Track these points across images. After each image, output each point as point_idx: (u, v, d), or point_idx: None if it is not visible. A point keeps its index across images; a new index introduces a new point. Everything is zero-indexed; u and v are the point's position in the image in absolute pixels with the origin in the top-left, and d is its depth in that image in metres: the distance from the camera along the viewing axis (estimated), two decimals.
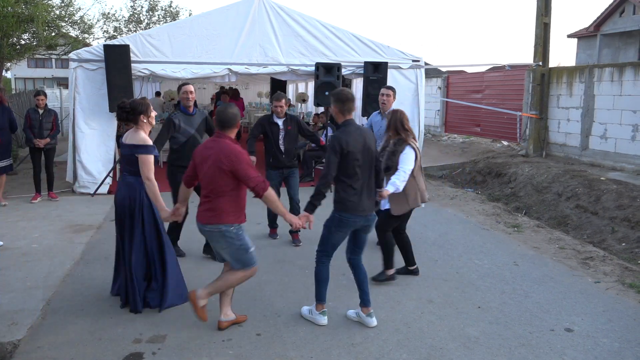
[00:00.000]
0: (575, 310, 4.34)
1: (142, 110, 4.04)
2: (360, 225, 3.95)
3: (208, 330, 3.91)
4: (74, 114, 8.57)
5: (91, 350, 3.61)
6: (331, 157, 3.74)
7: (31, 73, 47.53)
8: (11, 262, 5.32)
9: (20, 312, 4.18)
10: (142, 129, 4.08)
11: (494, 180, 9.75)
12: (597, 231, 6.66)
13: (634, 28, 23.79)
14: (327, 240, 3.98)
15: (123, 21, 25.57)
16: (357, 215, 3.86)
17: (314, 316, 4.07)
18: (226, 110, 3.69)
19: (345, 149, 3.73)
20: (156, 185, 4.03)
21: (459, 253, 5.79)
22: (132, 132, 4.10)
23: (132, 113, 4.04)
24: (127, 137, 4.10)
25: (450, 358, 3.58)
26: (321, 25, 9.39)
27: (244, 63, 9.11)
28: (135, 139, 4.04)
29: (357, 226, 3.94)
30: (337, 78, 9.00)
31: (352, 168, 3.79)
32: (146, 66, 8.72)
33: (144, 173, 3.99)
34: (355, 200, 3.84)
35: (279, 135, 5.97)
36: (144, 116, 4.06)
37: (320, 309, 4.05)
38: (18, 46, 13.93)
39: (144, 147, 4.00)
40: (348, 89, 4.03)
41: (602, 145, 9.85)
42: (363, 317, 4.05)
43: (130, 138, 4.07)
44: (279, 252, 5.75)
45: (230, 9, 9.06)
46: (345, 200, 3.83)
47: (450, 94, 16.21)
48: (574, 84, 10.56)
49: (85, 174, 8.61)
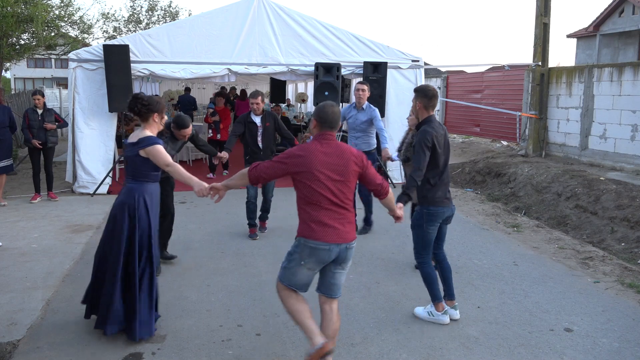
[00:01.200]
0: (574, 310, 4.34)
1: (158, 110, 3.86)
2: (446, 216, 4.07)
3: (207, 330, 3.91)
4: (73, 114, 8.57)
5: (90, 350, 3.61)
6: (424, 152, 3.83)
7: (31, 73, 47.52)
8: (11, 262, 5.32)
9: (20, 312, 4.18)
10: (148, 129, 3.86)
11: (494, 180, 9.75)
12: (597, 231, 6.67)
13: (633, 28, 23.79)
14: (421, 239, 4.06)
15: (122, 21, 25.62)
16: (444, 206, 3.98)
17: (436, 317, 4.07)
18: (334, 109, 3.23)
19: (435, 144, 3.87)
20: (178, 166, 3.78)
21: (459, 253, 5.80)
22: (137, 131, 3.89)
23: (146, 108, 3.81)
24: (131, 136, 3.90)
25: (450, 358, 3.58)
26: (321, 25, 9.39)
27: (244, 63, 9.11)
28: (138, 136, 3.82)
29: (444, 217, 4.05)
30: (337, 78, 9.00)
31: (437, 161, 3.92)
32: (146, 66, 8.72)
33: (160, 163, 3.74)
34: (441, 193, 3.98)
35: (257, 132, 6.09)
36: (157, 115, 3.86)
37: (441, 309, 4.07)
38: (17, 46, 13.94)
39: (146, 138, 3.76)
40: (432, 85, 4.08)
41: (601, 145, 9.86)
42: (438, 315, 4.05)
43: (133, 136, 3.87)
44: (279, 252, 5.74)
45: (229, 9, 9.06)
46: (432, 194, 3.95)
47: (449, 94, 16.22)
48: (573, 84, 10.57)
49: (84, 174, 8.61)
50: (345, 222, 3.15)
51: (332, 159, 3.09)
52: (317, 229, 3.07)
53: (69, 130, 8.80)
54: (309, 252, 3.09)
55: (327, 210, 3.08)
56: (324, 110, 3.18)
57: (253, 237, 6.22)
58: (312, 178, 3.06)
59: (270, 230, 6.52)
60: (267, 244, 6.06)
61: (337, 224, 3.10)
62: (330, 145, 3.13)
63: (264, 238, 6.27)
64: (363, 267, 5.31)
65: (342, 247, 3.11)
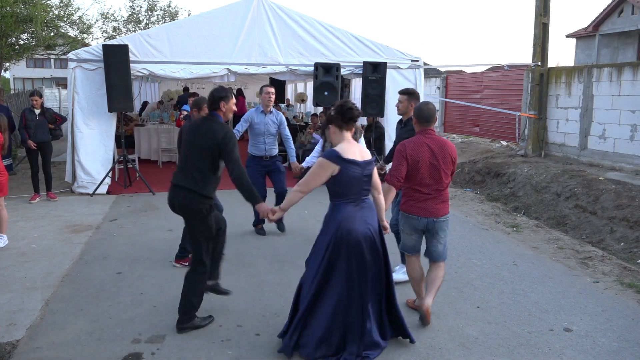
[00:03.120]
0: (574, 310, 4.35)
1: None
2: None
3: (207, 330, 3.91)
4: (72, 114, 8.56)
5: (90, 350, 3.61)
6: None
7: (30, 73, 47.51)
8: (10, 262, 5.32)
9: (19, 312, 4.18)
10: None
11: (493, 180, 9.76)
12: (596, 231, 6.67)
13: (632, 28, 23.80)
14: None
15: (122, 21, 25.57)
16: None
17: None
18: (429, 106, 3.99)
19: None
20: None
21: (458, 253, 5.80)
22: (354, 146, 3.48)
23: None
24: (354, 152, 3.43)
25: (449, 358, 3.58)
26: (320, 25, 9.39)
27: (243, 63, 9.10)
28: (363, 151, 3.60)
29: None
30: (336, 78, 9.00)
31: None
32: (145, 66, 8.71)
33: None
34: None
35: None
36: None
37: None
38: (17, 46, 13.92)
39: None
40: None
41: (600, 145, 9.86)
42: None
43: (358, 153, 3.46)
44: (279, 252, 5.75)
45: (229, 9, 9.06)
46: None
47: (449, 94, 16.22)
48: (572, 84, 10.58)
49: (84, 174, 8.60)
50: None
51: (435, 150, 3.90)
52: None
53: (68, 130, 8.79)
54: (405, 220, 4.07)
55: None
56: (420, 108, 4.00)
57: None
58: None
59: (270, 230, 6.51)
60: (267, 244, 6.06)
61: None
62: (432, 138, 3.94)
63: (263, 238, 6.27)
64: None
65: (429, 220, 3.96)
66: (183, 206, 3.78)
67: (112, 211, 7.54)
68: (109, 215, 7.30)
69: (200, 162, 3.72)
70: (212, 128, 3.74)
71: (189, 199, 3.73)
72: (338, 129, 3.46)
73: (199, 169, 3.72)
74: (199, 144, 3.73)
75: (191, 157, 3.77)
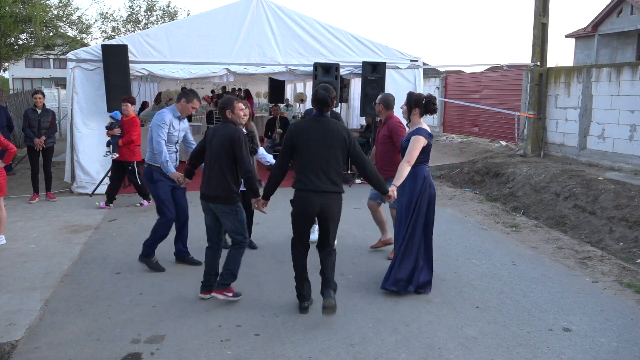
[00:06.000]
0: (573, 310, 4.35)
1: None
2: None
3: (207, 330, 3.91)
4: (72, 114, 8.56)
5: (89, 350, 3.61)
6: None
7: (29, 73, 47.46)
8: (9, 263, 5.32)
9: (18, 312, 4.18)
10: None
11: (492, 180, 9.76)
12: (595, 231, 6.67)
13: (631, 28, 23.81)
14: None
15: (121, 21, 25.55)
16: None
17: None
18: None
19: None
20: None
21: (457, 253, 5.80)
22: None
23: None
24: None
25: (449, 358, 3.58)
26: (319, 25, 9.40)
27: (243, 63, 9.11)
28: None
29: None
30: (336, 78, 9.00)
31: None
32: (144, 66, 8.71)
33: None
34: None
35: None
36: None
37: None
38: (16, 46, 13.90)
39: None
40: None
41: (600, 145, 9.87)
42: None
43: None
44: (278, 252, 5.74)
45: (228, 9, 9.06)
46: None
47: (448, 94, 16.23)
48: (571, 84, 10.58)
49: (83, 174, 8.60)
50: None
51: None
52: None
53: (67, 130, 8.79)
54: None
55: None
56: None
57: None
58: None
59: (270, 230, 6.51)
60: (266, 244, 6.06)
61: None
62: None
63: (263, 238, 6.26)
64: (362, 267, 5.31)
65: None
66: (337, 209, 4.13)
67: (111, 211, 7.54)
68: (108, 215, 7.30)
69: (338, 165, 4.04)
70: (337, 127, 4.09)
71: (339, 202, 4.14)
72: (419, 115, 4.61)
73: (337, 171, 4.06)
74: (331, 145, 3.97)
75: (330, 160, 3.99)
